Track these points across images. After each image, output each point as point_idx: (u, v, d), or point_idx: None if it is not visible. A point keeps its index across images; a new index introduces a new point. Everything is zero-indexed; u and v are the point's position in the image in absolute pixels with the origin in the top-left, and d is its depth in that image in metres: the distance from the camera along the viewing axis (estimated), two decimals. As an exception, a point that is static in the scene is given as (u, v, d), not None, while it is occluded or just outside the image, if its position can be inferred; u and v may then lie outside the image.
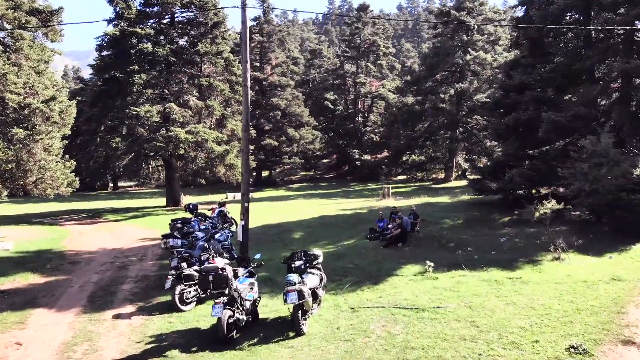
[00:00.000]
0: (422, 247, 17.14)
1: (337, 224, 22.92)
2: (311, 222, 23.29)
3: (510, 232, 19.85)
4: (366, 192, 41.27)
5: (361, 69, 58.67)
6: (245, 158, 14.77)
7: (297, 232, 21.56)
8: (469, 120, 47.01)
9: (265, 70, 52.13)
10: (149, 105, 29.56)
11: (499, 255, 16.11)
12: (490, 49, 47.11)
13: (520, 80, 25.40)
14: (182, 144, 29.09)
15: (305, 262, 11.09)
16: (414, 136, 47.76)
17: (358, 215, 24.59)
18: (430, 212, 24.45)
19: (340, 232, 21.70)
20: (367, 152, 56.58)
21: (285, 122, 51.43)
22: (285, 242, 20.14)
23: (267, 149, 49.52)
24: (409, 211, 20.45)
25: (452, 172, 47.28)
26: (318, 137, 53.85)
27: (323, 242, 20.06)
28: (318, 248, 18.88)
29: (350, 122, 58.46)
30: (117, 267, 16.80)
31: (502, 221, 22.81)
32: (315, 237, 20.84)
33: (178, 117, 29.96)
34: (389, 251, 16.84)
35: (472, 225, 22.26)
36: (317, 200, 35.80)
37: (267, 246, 19.65)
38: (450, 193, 35.76)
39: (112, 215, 31.19)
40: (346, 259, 16.02)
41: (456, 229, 21.53)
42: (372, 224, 21.05)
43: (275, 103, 50.38)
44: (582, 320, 10.38)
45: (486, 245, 17.53)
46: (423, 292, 12.34)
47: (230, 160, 30.57)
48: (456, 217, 23.37)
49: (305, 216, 25.11)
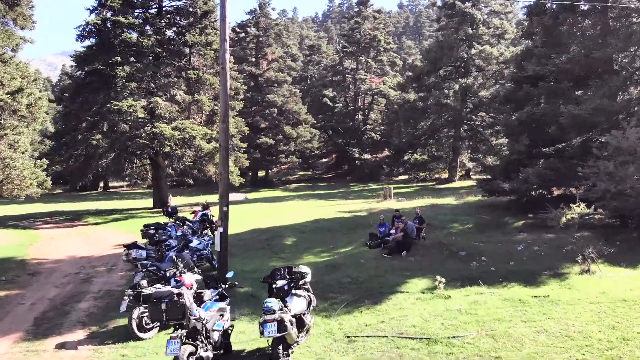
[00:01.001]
0: (429, 257, 15.01)
1: (334, 229, 20.81)
2: (305, 226, 21.18)
3: (527, 238, 17.71)
4: (366, 193, 39.15)
5: (361, 65, 56.55)
6: (224, 155, 12.66)
7: (289, 238, 19.45)
8: (473, 117, 44.90)
9: (261, 66, 50.04)
10: (132, 100, 27.44)
11: (518, 267, 13.99)
12: (495, 43, 44.96)
13: (534, 72, 23.28)
14: (167, 141, 26.97)
15: (289, 281, 8.97)
16: (416, 134, 45.63)
17: (357, 219, 22.48)
18: (435, 215, 22.34)
19: (337, 237, 19.59)
20: (368, 151, 54.51)
21: (281, 119, 49.33)
22: (274, 250, 18.04)
23: (263, 148, 47.42)
24: (413, 215, 18.34)
25: (456, 172, 45.16)
26: (316, 136, 51.76)
27: (317, 250, 17.95)
28: (310, 258, 16.83)
29: (350, 120, 56.36)
30: (80, 280, 14.70)
31: (516, 225, 20.70)
32: (308, 244, 18.73)
33: (163, 113, 27.85)
34: (392, 261, 14.72)
35: (483, 230, 20.15)
36: (314, 202, 33.70)
37: (254, 254, 17.54)
38: (455, 194, 33.68)
39: (94, 217, 29.09)
40: (342, 271, 13.89)
41: (466, 234, 19.40)
42: (373, 229, 18.96)
43: (272, 100, 48.27)
44: (631, 353, 8.32)
45: (502, 254, 15.40)
46: (434, 315, 10.22)
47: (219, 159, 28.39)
48: (465, 221, 21.27)
49: (299, 219, 23.00)
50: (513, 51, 43.15)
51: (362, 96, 58.79)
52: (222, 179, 12.54)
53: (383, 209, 25.83)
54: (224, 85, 12.54)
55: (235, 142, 32.31)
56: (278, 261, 16.61)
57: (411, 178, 48.54)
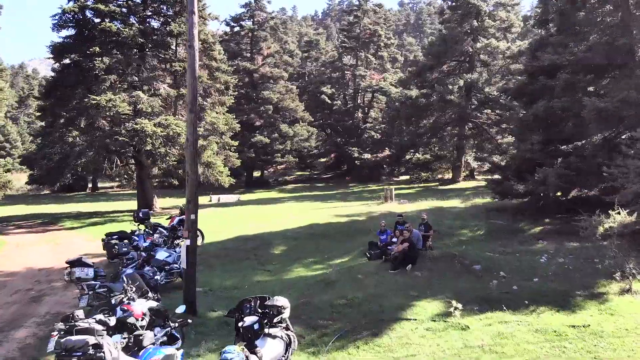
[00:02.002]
0: (438, 271, 12.83)
1: (329, 235, 18.64)
2: (298, 232, 18.99)
3: (548, 247, 15.53)
4: (366, 194, 36.94)
5: (361, 61, 54.32)
6: (191, 151, 10.46)
7: (279, 246, 17.27)
8: (478, 114, 42.69)
9: (256, 61, 47.81)
10: (112, 94, 25.24)
11: (544, 284, 11.82)
12: (501, 37, 42.77)
13: (550, 61, 21.12)
14: (149, 139, 24.77)
15: (261, 317, 6.78)
16: (419, 132, 43.42)
17: (355, 224, 20.30)
18: (442, 220, 20.17)
19: (333, 246, 17.42)
20: (367, 150, 52.22)
21: (277, 117, 47.09)
22: (261, 261, 15.87)
23: (258, 147, 45.18)
24: (418, 221, 16.17)
25: (461, 172, 42.96)
26: (314, 134, 49.55)
27: (309, 261, 15.79)
28: (300, 272, 14.67)
29: (349, 118, 54.12)
30: (29, 298, 12.53)
31: (532, 232, 18.54)
32: (300, 253, 16.57)
33: (146, 108, 25.64)
34: (395, 277, 12.52)
35: (497, 237, 17.98)
36: (310, 204, 31.50)
37: (238, 265, 15.38)
38: (460, 195, 31.53)
39: (71, 221, 26.88)
40: (337, 290, 11.70)
41: (478, 242, 17.24)
42: (372, 236, 16.83)
43: (267, 96, 46.04)
44: None
45: (523, 268, 13.22)
46: (450, 355, 8.08)
47: (207, 158, 26.23)
48: (476, 227, 19.11)
49: (292, 224, 20.81)
50: (520, 45, 41.12)
51: (362, 93, 56.56)
52: (189, 180, 10.35)
53: (384, 212, 23.68)
54: (192, 67, 10.34)
55: (226, 139, 30.12)
56: (263, 275, 14.45)
57: (413, 178, 46.31)
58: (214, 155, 27.21)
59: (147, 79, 27.90)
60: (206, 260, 15.48)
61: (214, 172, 27.20)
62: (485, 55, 42.13)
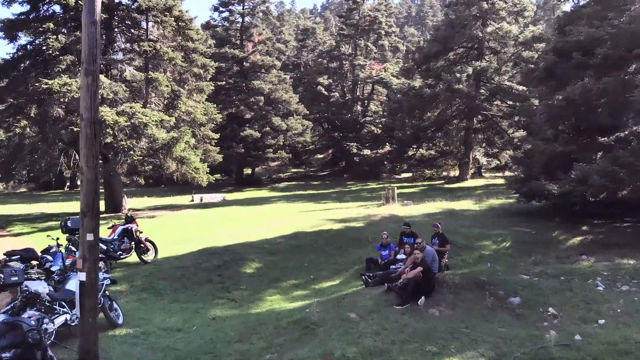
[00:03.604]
0: (463, 307, 9.16)
1: (318, 247, 14.96)
2: (278, 243, 15.29)
3: (598, 267, 11.89)
4: (364, 194, 33.33)
5: (360, 49, 50.52)
6: (89, 133, 6.71)
7: (252, 263, 13.58)
8: (487, 106, 38.93)
9: (246, 48, 44.02)
10: (67, 77, 21.59)
11: (617, 330, 8.19)
12: (513, 21, 38.99)
13: (587, 35, 17.47)
14: (110, 129, 21.09)
15: None
16: (422, 126, 39.66)
17: (350, 232, 16.61)
18: (456, 227, 16.51)
19: (321, 262, 13.77)
20: (367, 146, 48.53)
21: (269, 109, 43.32)
22: (226, 284, 12.21)
23: (248, 141, 41.46)
24: (432, 232, 12.51)
25: (468, 169, 39.23)
26: (309, 128, 45.79)
27: (288, 284, 12.16)
28: (273, 302, 10.98)
29: (348, 111, 50.39)
30: None
31: (571, 244, 14.91)
32: (277, 273, 12.92)
33: (107, 94, 21.95)
34: (403, 316, 8.82)
35: (526, 250, 14.36)
36: (301, 205, 27.86)
37: (194, 292, 11.71)
38: (471, 195, 27.97)
39: (24, 225, 23.26)
40: (319, 340, 8.03)
41: (505, 258, 13.60)
42: (372, 249, 13.24)
43: (257, 87, 42.24)
44: None
45: (576, 301, 9.58)
46: None
47: (180, 152, 22.53)
48: (499, 237, 15.44)
49: (273, 232, 17.11)
50: (534, 30, 37.46)
51: (361, 85, 52.81)
52: (83, 180, 6.62)
53: (385, 215, 20.04)
54: (90, 5, 6.66)
55: (205, 132, 26.46)
56: (225, 306, 10.79)
57: (416, 176, 42.49)
58: (188, 150, 23.48)
59: (112, 61, 24.27)
60: (153, 284, 11.85)
61: (189, 169, 23.50)
62: (495, 42, 38.43)
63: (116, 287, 11.51)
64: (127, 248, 12.96)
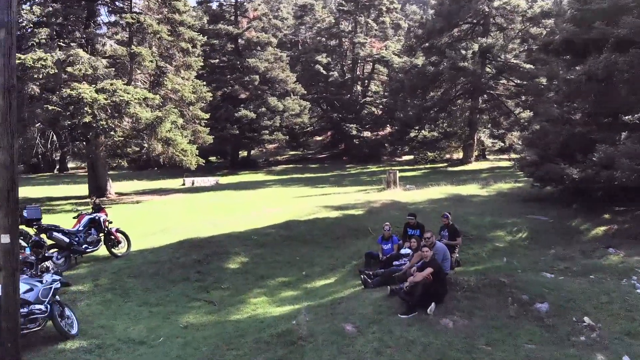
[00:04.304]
0: (481, 316, 7.65)
1: (312, 238, 13.43)
2: (269, 233, 13.76)
3: (633, 263, 10.37)
4: (364, 177, 31.79)
5: (360, 26, 48.48)
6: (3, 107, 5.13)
7: (237, 257, 12.05)
8: (492, 85, 37.10)
9: (240, 24, 41.99)
10: (41, 52, 19.86)
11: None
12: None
13: (611, 3, 15.72)
14: (88, 108, 19.43)
15: None
16: (425, 106, 37.90)
17: (348, 221, 15.07)
18: (465, 215, 14.96)
19: (315, 256, 12.26)
20: (367, 127, 46.88)
21: (265, 89, 41.48)
22: (206, 283, 10.69)
23: (243, 123, 39.69)
24: (441, 223, 10.96)
25: (473, 151, 37.59)
26: (306, 109, 43.92)
27: (276, 282, 10.66)
28: (257, 307, 9.39)
29: (347, 91, 48.53)
30: None
31: (595, 234, 13.38)
32: (265, 270, 11.40)
33: (86, 69, 20.24)
34: (409, 328, 7.32)
35: (546, 242, 12.85)
36: (297, 189, 26.35)
37: (166, 291, 10.20)
38: (477, 179, 26.43)
39: None
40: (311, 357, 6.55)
41: (522, 251, 12.08)
42: (372, 242, 11.75)
43: (253, 65, 40.32)
44: None
45: (615, 307, 8.07)
46: None
47: (165, 133, 20.89)
48: (514, 227, 13.90)
49: (264, 220, 15.58)
50: (542, 5, 35.52)
51: (361, 64, 50.87)
52: None
53: (386, 201, 18.51)
54: None
55: (194, 111, 24.79)
56: (201, 311, 9.30)
57: (418, 159, 40.85)
58: (175, 130, 21.83)
59: (93, 35, 22.52)
60: (121, 282, 10.34)
61: (176, 151, 21.88)
62: (501, 18, 36.54)
63: (77, 286, 10.04)
64: (94, 240, 11.44)
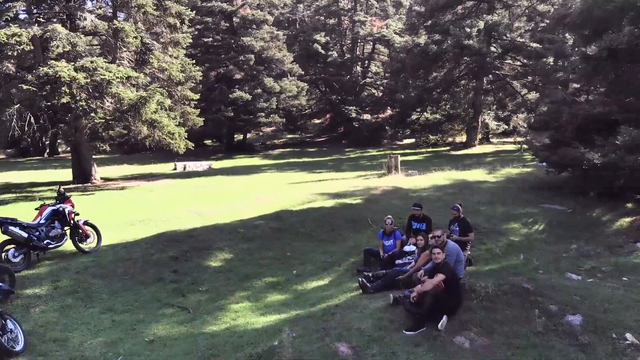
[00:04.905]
0: (502, 333, 6.35)
1: (305, 231, 12.10)
2: (258, 225, 12.42)
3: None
4: (364, 162, 30.43)
5: (360, 4, 46.66)
6: None
7: (220, 253, 10.74)
8: (498, 65, 35.52)
9: (234, 1, 40.17)
10: (16, 27, 18.34)
11: None
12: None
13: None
14: (65, 88, 17.98)
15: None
16: (427, 87, 36.32)
17: (346, 210, 13.74)
18: (474, 204, 13.65)
19: (307, 251, 10.94)
20: (367, 110, 45.25)
21: (261, 69, 39.81)
22: (181, 285, 9.38)
23: (238, 104, 38.15)
24: (451, 216, 9.62)
25: (477, 134, 36.16)
26: (304, 90, 42.31)
27: (263, 283, 9.36)
28: (238, 315, 7.95)
29: (347, 72, 46.84)
30: None
31: (619, 227, 12.08)
32: (250, 268, 10.09)
33: (63, 45, 18.74)
34: (416, 350, 6.03)
35: (565, 235, 11.54)
36: (293, 175, 25.01)
37: (135, 297, 8.87)
38: (482, 163, 25.12)
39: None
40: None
41: (542, 247, 10.78)
42: (372, 235, 10.47)
43: (248, 44, 38.63)
44: None
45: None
46: None
47: (150, 114, 19.45)
48: (529, 218, 12.57)
49: (254, 210, 14.26)
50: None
51: (361, 43, 49.14)
52: None
53: (388, 188, 17.19)
54: None
55: (183, 92, 23.31)
56: (173, 318, 8.01)
57: (419, 142, 39.39)
58: (162, 111, 20.39)
59: (73, 9, 20.96)
60: (85, 284, 9.04)
61: (163, 134, 20.45)
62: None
63: (34, 289, 8.75)
64: (58, 235, 10.12)
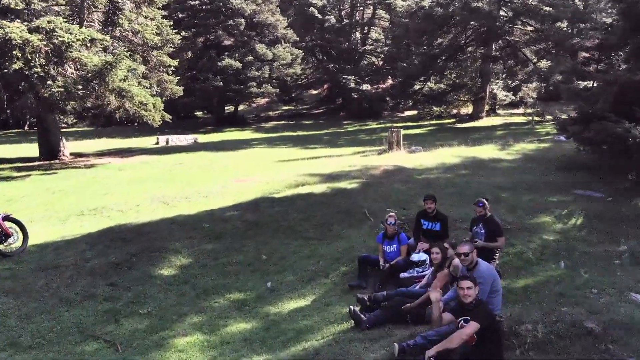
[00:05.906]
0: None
1: (287, 225, 9.80)
2: (229, 218, 10.12)
3: None
4: (362, 136, 28.03)
5: (360, -36, 43.58)
6: None
7: (176, 257, 8.47)
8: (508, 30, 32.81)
9: (223, -40, 37.13)
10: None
11: None
12: None
13: None
14: (17, 52, 15.51)
15: None
16: (432, 54, 33.57)
17: (338, 198, 11.39)
18: (494, 190, 11.32)
19: (286, 255, 8.65)
20: (367, 80, 42.44)
21: (252, 35, 36.98)
22: (117, 305, 7.12)
23: (228, 73, 35.50)
24: (475, 213, 7.31)
25: (484, 106, 33.67)
26: (299, 58, 39.55)
27: (226, 302, 7.15)
28: None
29: (345, 39, 43.86)
30: None
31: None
32: (211, 279, 7.86)
33: (15, 3, 16.18)
34: None
35: (608, 231, 9.28)
36: (284, 151, 22.69)
37: (47, 328, 6.63)
38: (492, 137, 22.89)
39: None
40: None
41: (583, 249, 8.51)
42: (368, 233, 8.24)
43: (238, 7, 35.70)
44: None
45: None
46: None
47: (118, 83, 16.99)
48: (563, 209, 10.20)
49: (228, 196, 11.93)
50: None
51: (361, 8, 46.08)
52: None
53: (389, 168, 14.86)
54: None
55: (160, 57, 20.76)
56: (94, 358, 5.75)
57: (422, 114, 36.74)
58: (133, 79, 17.92)
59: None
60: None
61: (134, 105, 18.00)
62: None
63: None
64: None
